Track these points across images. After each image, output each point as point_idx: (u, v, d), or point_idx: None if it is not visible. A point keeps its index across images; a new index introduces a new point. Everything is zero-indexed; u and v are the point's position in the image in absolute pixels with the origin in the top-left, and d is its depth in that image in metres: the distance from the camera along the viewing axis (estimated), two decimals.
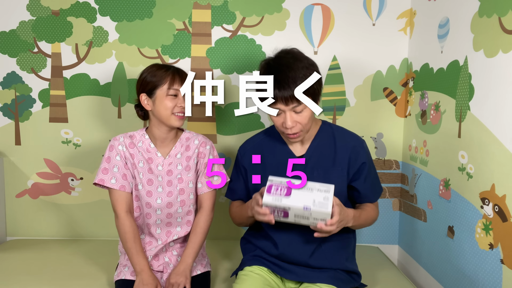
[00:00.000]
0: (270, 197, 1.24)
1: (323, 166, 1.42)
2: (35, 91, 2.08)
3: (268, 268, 1.44)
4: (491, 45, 1.37)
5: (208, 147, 1.59)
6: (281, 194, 1.24)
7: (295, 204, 1.22)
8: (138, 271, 1.45)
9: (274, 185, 1.26)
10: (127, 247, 1.48)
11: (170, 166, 1.54)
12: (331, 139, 1.45)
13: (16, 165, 2.12)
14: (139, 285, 1.43)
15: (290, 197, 1.23)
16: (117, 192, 1.49)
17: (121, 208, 1.49)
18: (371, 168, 1.48)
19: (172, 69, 1.49)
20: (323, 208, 1.21)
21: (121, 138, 1.53)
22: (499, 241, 1.34)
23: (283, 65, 1.30)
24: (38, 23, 2.05)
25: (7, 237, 2.17)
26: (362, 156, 1.43)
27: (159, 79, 1.45)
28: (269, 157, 1.46)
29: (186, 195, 1.55)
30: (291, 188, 1.25)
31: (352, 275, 1.48)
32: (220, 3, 2.05)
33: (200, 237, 1.54)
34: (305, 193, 1.24)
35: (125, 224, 1.48)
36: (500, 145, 1.32)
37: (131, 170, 1.52)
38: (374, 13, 2.07)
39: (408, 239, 2.07)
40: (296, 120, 1.31)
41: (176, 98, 1.46)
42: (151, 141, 1.54)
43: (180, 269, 1.48)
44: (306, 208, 1.21)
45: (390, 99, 2.13)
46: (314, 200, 1.22)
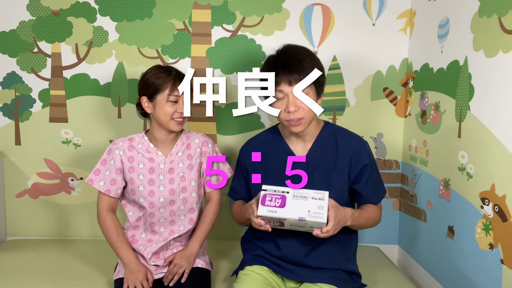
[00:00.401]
0: (265, 209, 1.24)
1: (324, 168, 1.41)
2: (35, 91, 2.08)
3: (269, 267, 1.44)
4: (491, 45, 1.37)
5: (210, 145, 1.62)
6: (276, 205, 1.24)
7: (290, 215, 1.22)
8: (126, 262, 1.48)
9: (268, 195, 1.26)
10: (111, 241, 1.52)
11: (172, 164, 1.56)
12: (333, 140, 1.44)
13: (16, 165, 2.12)
14: (128, 275, 1.46)
15: (285, 208, 1.23)
16: (102, 193, 1.54)
17: (103, 207, 1.54)
18: (374, 170, 1.46)
19: (174, 73, 1.49)
20: (318, 219, 1.21)
21: (120, 143, 1.55)
22: (499, 241, 1.34)
23: (290, 51, 1.34)
24: (38, 23, 2.05)
25: (7, 237, 2.17)
26: (364, 158, 1.42)
27: (160, 84, 1.46)
28: (270, 157, 1.46)
29: (188, 193, 1.56)
30: (285, 197, 1.25)
31: (353, 276, 1.48)
32: (220, 3, 2.05)
33: (208, 225, 1.59)
34: (300, 202, 1.24)
35: (106, 220, 1.53)
36: (500, 145, 1.32)
37: (127, 175, 1.53)
38: (374, 13, 2.07)
39: (408, 239, 2.07)
40: (299, 105, 1.30)
41: (176, 104, 1.47)
42: (150, 142, 1.56)
43: (186, 253, 1.52)
44: (301, 219, 1.22)
45: (390, 99, 2.13)
46: (309, 210, 1.22)
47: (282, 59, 1.32)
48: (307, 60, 1.31)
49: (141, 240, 1.56)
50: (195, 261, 1.55)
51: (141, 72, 2.05)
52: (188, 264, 1.50)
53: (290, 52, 1.34)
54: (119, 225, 1.55)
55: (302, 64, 1.29)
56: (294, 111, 1.30)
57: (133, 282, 1.44)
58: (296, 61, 1.30)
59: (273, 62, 1.33)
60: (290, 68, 1.28)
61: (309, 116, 1.34)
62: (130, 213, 1.58)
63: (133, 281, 1.44)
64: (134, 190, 1.53)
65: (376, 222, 1.49)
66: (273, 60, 1.35)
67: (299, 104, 1.30)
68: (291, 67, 1.28)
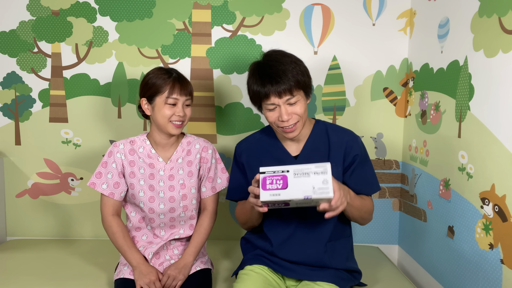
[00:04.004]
0: (267, 194, 1.16)
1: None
2: (35, 91, 2.08)
3: (269, 267, 1.45)
4: (491, 45, 1.37)
5: (210, 151, 1.59)
6: (278, 187, 1.16)
7: (295, 196, 1.14)
8: (135, 265, 1.47)
9: (268, 177, 1.17)
10: (118, 245, 1.51)
11: (172, 171, 1.54)
12: (325, 136, 1.45)
13: (16, 165, 2.12)
14: (139, 277, 1.44)
15: (288, 188, 1.15)
16: (106, 197, 1.52)
17: (107, 212, 1.52)
18: (365, 162, 1.45)
19: (174, 76, 1.48)
20: (324, 195, 1.14)
21: (121, 145, 1.53)
22: (499, 241, 1.34)
23: (272, 60, 1.35)
24: (38, 23, 2.05)
25: (7, 237, 2.17)
26: (355, 149, 1.43)
27: (159, 86, 1.45)
28: (265, 157, 1.47)
29: (188, 201, 1.56)
30: (286, 177, 1.16)
31: (353, 274, 1.48)
32: (220, 3, 2.05)
33: (203, 237, 1.56)
34: (302, 180, 1.15)
35: (112, 225, 1.51)
36: (500, 145, 1.32)
37: (128, 179, 1.52)
38: (374, 13, 2.07)
39: (408, 239, 2.07)
40: (291, 112, 1.33)
41: (174, 106, 1.46)
42: (152, 147, 1.55)
43: (180, 264, 1.50)
44: (307, 197, 1.14)
45: (390, 99, 2.13)
46: (313, 186, 1.14)
47: (267, 74, 1.33)
48: (290, 69, 1.33)
49: (141, 241, 1.56)
50: (190, 270, 1.53)
51: (141, 72, 2.07)
52: (182, 276, 1.47)
53: (273, 65, 1.34)
54: (125, 228, 1.53)
55: (286, 74, 1.31)
56: (287, 119, 1.33)
57: (146, 284, 1.42)
58: (281, 72, 1.31)
59: (258, 72, 1.35)
60: (276, 80, 1.31)
61: (303, 119, 1.37)
62: (133, 213, 1.57)
63: (146, 283, 1.42)
64: (134, 195, 1.53)
65: (369, 213, 1.45)
66: (258, 70, 1.36)
67: (291, 111, 1.33)
68: (277, 79, 1.31)
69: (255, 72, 1.37)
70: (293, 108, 1.34)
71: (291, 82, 1.31)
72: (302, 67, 1.36)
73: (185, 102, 1.48)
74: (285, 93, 1.31)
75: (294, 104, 1.33)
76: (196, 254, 1.54)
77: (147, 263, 1.49)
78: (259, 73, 1.35)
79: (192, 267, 1.55)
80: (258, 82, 1.34)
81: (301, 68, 1.35)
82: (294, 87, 1.31)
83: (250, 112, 2.11)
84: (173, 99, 1.45)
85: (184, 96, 1.47)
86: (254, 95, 1.37)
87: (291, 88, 1.31)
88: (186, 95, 1.47)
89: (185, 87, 1.47)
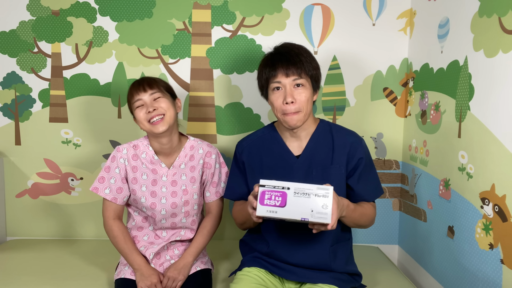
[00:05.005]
0: (264, 209, 1.13)
1: (321, 164, 1.41)
2: (35, 91, 2.08)
3: (267, 269, 1.44)
4: (491, 45, 1.37)
5: (213, 156, 1.59)
6: (276, 204, 1.13)
7: (292, 216, 1.13)
8: (136, 268, 1.47)
9: (267, 192, 1.14)
10: (119, 248, 1.51)
11: (175, 177, 1.54)
12: (329, 136, 1.44)
13: (16, 165, 2.12)
14: (141, 279, 1.44)
15: (286, 207, 1.13)
16: (108, 201, 1.52)
17: (109, 216, 1.52)
18: (369, 166, 1.45)
19: (133, 82, 1.49)
20: (321, 220, 1.12)
21: (124, 150, 1.52)
22: (499, 241, 1.34)
23: (285, 47, 1.40)
24: (38, 23, 2.05)
25: (7, 237, 2.17)
26: (359, 152, 1.42)
27: (128, 98, 1.48)
28: (266, 155, 1.46)
29: (190, 206, 1.56)
30: (286, 195, 1.14)
31: (354, 276, 1.48)
32: (220, 3, 2.05)
33: (205, 239, 1.57)
34: (302, 200, 1.13)
35: (113, 229, 1.51)
36: (500, 145, 1.32)
37: (130, 185, 1.52)
38: (374, 13, 2.07)
39: (408, 239, 2.07)
40: (296, 97, 1.34)
41: (143, 106, 1.45)
42: (154, 153, 1.54)
43: (180, 265, 1.50)
44: (304, 220, 1.13)
45: (390, 99, 2.13)
46: (312, 209, 1.12)
47: (279, 53, 1.37)
48: (304, 55, 1.36)
49: (142, 242, 1.56)
50: (190, 270, 1.53)
51: (141, 72, 2.07)
52: (182, 277, 1.48)
53: (288, 47, 1.39)
54: (126, 231, 1.53)
55: (299, 57, 1.34)
56: (291, 102, 1.33)
57: (148, 286, 1.43)
58: (293, 54, 1.35)
59: (271, 57, 1.39)
60: (287, 60, 1.34)
61: (306, 110, 1.36)
62: (136, 213, 1.58)
63: (148, 285, 1.43)
64: (136, 201, 1.53)
65: (370, 220, 1.45)
66: (270, 55, 1.40)
67: (296, 96, 1.34)
68: (288, 59, 1.34)
69: (267, 58, 1.40)
70: (298, 92, 1.33)
71: (301, 64, 1.33)
72: (315, 61, 1.40)
73: (152, 97, 1.45)
74: (293, 73, 1.33)
75: (299, 88, 1.34)
76: (196, 254, 1.54)
77: (148, 265, 1.49)
78: (271, 58, 1.38)
79: (192, 267, 1.55)
80: (268, 64, 1.37)
81: (313, 59, 1.39)
82: (303, 70, 1.33)
83: (250, 112, 2.11)
84: (138, 100, 1.45)
85: (147, 92, 1.44)
86: (262, 77, 1.39)
87: (300, 70, 1.33)
88: (148, 90, 1.45)
89: (144, 84, 1.45)
